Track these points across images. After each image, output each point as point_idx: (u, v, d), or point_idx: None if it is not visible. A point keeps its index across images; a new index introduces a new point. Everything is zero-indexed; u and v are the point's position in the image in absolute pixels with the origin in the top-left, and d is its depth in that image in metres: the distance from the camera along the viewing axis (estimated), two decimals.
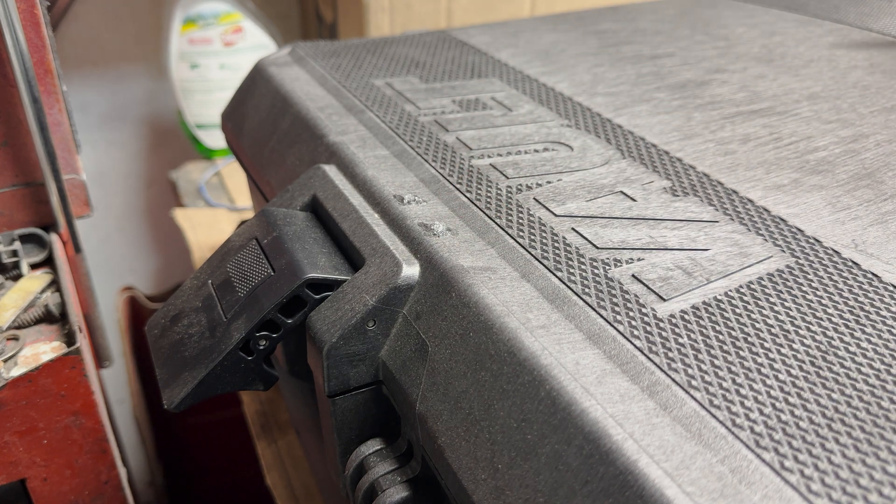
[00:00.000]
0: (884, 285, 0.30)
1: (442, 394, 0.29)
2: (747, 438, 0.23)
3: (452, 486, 0.28)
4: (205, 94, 1.03)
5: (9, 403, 0.44)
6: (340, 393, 0.33)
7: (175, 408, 0.34)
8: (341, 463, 0.35)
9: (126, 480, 0.52)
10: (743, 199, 0.37)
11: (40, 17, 0.51)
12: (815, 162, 0.41)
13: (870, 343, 0.27)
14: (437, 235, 0.34)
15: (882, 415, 0.24)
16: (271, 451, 0.65)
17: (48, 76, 0.52)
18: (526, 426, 0.25)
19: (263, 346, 0.34)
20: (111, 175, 1.15)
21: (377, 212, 0.37)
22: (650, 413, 0.24)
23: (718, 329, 0.27)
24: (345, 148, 0.42)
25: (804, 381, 0.25)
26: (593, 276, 0.31)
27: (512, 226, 0.34)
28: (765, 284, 0.30)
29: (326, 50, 0.59)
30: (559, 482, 0.23)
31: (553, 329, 0.28)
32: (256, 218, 0.39)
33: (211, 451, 1.00)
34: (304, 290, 0.34)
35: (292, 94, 0.50)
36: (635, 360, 0.26)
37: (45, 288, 0.52)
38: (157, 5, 1.05)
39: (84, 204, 0.57)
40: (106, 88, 1.10)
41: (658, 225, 0.34)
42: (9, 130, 0.52)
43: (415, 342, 0.31)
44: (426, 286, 0.32)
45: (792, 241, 0.33)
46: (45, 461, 0.47)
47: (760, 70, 0.55)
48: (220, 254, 0.40)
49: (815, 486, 0.21)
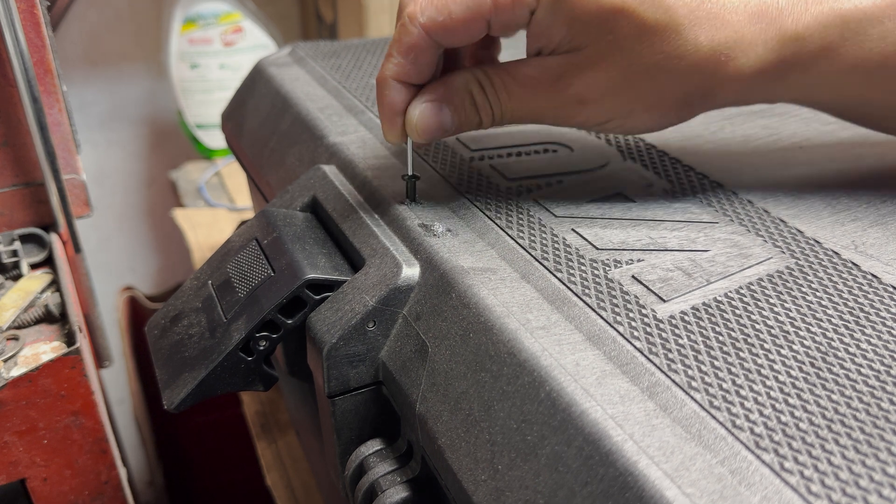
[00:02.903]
0: (883, 286, 0.30)
1: (442, 394, 0.29)
2: (747, 440, 0.23)
3: (452, 486, 0.28)
4: (205, 94, 1.03)
5: (9, 403, 0.44)
6: (340, 393, 0.33)
7: (175, 408, 0.34)
8: (341, 463, 0.35)
9: (126, 480, 0.52)
10: (743, 201, 0.37)
11: (40, 17, 0.51)
12: (815, 163, 0.41)
13: (870, 344, 0.27)
14: (437, 236, 0.34)
15: (882, 416, 0.24)
16: (271, 451, 0.65)
17: (48, 76, 0.52)
18: (526, 427, 0.25)
19: (263, 347, 0.34)
20: (111, 175, 1.15)
21: (377, 212, 0.37)
22: (650, 414, 0.24)
23: (718, 330, 0.27)
24: (345, 148, 0.42)
25: (804, 383, 0.25)
26: (593, 277, 0.31)
27: (512, 227, 0.34)
28: (765, 285, 0.30)
29: (326, 50, 0.59)
30: (559, 483, 0.24)
31: (553, 330, 0.28)
32: (256, 218, 0.39)
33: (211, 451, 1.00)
34: (304, 291, 0.34)
35: (292, 95, 0.50)
36: (635, 361, 0.26)
37: (45, 288, 0.52)
38: (157, 5, 1.05)
39: (84, 204, 0.57)
40: (106, 88, 1.10)
41: (658, 226, 0.34)
42: (9, 130, 0.52)
43: (415, 343, 0.31)
44: (426, 287, 0.32)
45: (792, 242, 0.33)
46: (45, 461, 0.47)
47: None
48: (220, 254, 0.40)
49: (815, 488, 0.21)
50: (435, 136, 0.34)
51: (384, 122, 0.35)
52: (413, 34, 0.32)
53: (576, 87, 0.33)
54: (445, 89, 0.34)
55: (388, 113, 0.34)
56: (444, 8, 0.31)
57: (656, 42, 0.31)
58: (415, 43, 0.32)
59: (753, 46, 0.32)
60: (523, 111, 0.34)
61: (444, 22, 0.31)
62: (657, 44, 0.31)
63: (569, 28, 0.31)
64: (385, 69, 0.33)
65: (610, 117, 0.34)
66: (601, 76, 0.32)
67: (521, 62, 0.34)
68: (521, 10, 0.31)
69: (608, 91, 0.33)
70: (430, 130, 0.34)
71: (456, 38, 0.32)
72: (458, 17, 0.31)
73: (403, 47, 0.32)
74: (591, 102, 0.33)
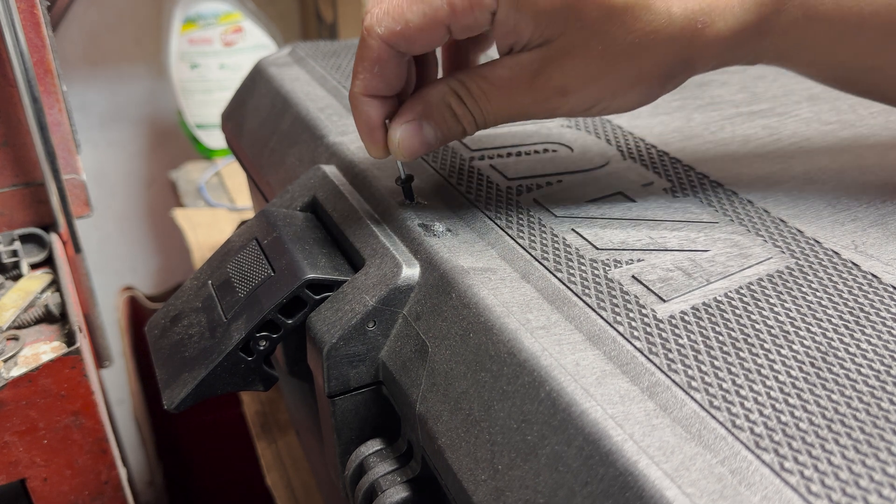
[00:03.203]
0: (883, 286, 0.30)
1: (442, 394, 0.29)
2: (747, 439, 0.23)
3: (452, 486, 0.28)
4: (205, 94, 1.03)
5: (9, 403, 0.44)
6: (340, 393, 0.33)
7: (175, 408, 0.34)
8: (341, 463, 0.35)
9: (126, 480, 0.52)
10: (743, 200, 0.37)
11: (40, 17, 0.51)
12: (815, 163, 0.41)
13: (870, 344, 0.27)
14: (437, 236, 0.34)
15: (882, 416, 0.24)
16: (271, 451, 0.65)
17: (48, 76, 0.52)
18: (526, 427, 0.25)
19: (263, 347, 0.34)
20: (111, 175, 1.15)
21: (377, 212, 0.37)
22: (650, 414, 0.24)
23: (718, 330, 0.27)
24: (345, 148, 0.42)
25: (804, 383, 0.25)
26: (593, 277, 0.31)
27: (512, 226, 0.34)
28: (765, 285, 0.30)
29: (326, 50, 0.59)
30: (559, 483, 0.24)
31: (553, 330, 0.28)
32: (256, 218, 0.39)
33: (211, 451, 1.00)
34: (304, 291, 0.34)
35: (292, 95, 0.50)
36: (635, 360, 0.26)
37: (45, 288, 0.52)
38: (157, 5, 1.05)
39: (84, 204, 0.57)
40: (106, 88, 1.10)
41: (658, 226, 0.34)
42: (9, 130, 0.52)
43: (415, 343, 0.31)
44: (426, 287, 0.32)
45: (792, 242, 0.33)
46: (45, 461, 0.47)
47: (760, 71, 0.55)
48: (220, 254, 0.40)
49: (815, 488, 0.21)
50: (420, 153, 0.34)
51: (364, 140, 0.34)
52: (373, 47, 0.31)
53: (555, 79, 0.32)
54: (424, 106, 0.33)
55: (366, 129, 0.34)
56: (401, 17, 0.31)
57: (627, 21, 0.30)
58: (377, 56, 0.32)
59: (731, 8, 0.31)
60: (506, 112, 0.34)
61: (403, 31, 0.31)
62: (629, 22, 0.30)
63: (535, 22, 0.31)
64: (353, 86, 0.33)
65: (595, 102, 0.33)
66: (579, 64, 0.32)
67: (496, 63, 0.33)
68: (481, 12, 0.31)
69: (589, 77, 0.32)
70: (414, 149, 0.34)
71: (417, 46, 0.32)
72: (415, 24, 0.31)
73: (366, 61, 0.32)
74: (573, 91, 0.32)
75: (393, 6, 0.31)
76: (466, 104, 0.33)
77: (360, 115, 0.34)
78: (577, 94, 0.33)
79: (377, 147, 0.34)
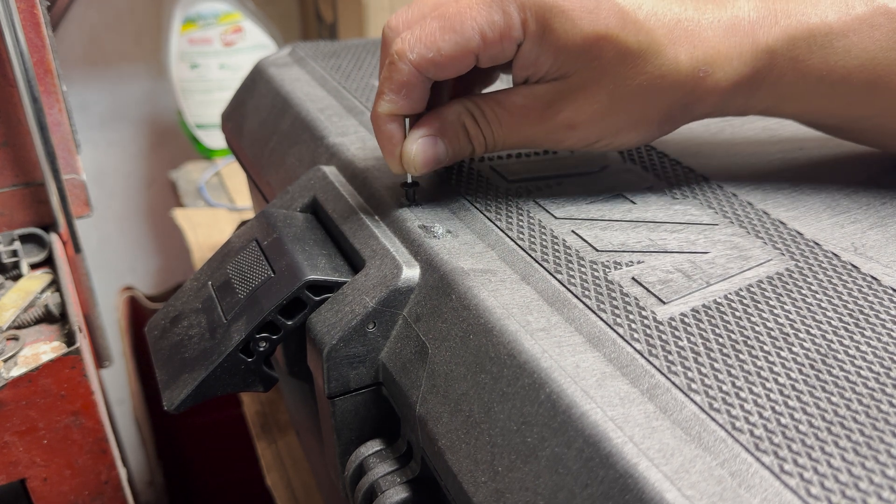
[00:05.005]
0: (883, 288, 0.30)
1: (442, 396, 0.29)
2: (747, 442, 0.23)
3: (452, 487, 0.28)
4: (205, 94, 1.03)
5: (9, 403, 0.44)
6: (340, 394, 0.33)
7: (175, 409, 0.34)
8: (341, 464, 0.35)
9: (126, 480, 0.52)
10: (742, 202, 0.37)
11: (40, 17, 0.51)
12: (815, 164, 0.41)
13: (869, 346, 0.27)
14: (437, 237, 0.34)
15: (882, 418, 0.24)
16: (271, 451, 0.65)
17: (48, 76, 0.52)
18: (526, 429, 0.25)
19: (263, 348, 0.34)
20: (111, 175, 1.15)
21: (377, 213, 0.37)
22: (650, 416, 0.24)
23: (718, 332, 0.27)
24: (345, 149, 0.42)
25: (804, 385, 0.25)
26: (593, 279, 0.31)
27: (512, 228, 0.34)
28: (764, 287, 0.30)
29: (326, 50, 0.59)
30: (559, 485, 0.24)
31: (553, 332, 0.28)
32: (256, 219, 0.39)
33: (211, 451, 1.00)
34: (304, 292, 0.34)
35: (292, 95, 0.50)
36: (635, 363, 0.26)
37: (45, 288, 0.52)
38: (157, 5, 1.05)
39: (84, 204, 0.57)
40: (106, 88, 1.10)
41: (658, 228, 0.34)
42: (9, 130, 0.52)
43: (415, 344, 0.31)
44: (426, 288, 0.32)
45: (791, 244, 0.33)
46: (45, 461, 0.47)
47: None
48: (220, 255, 0.40)
49: (815, 490, 0.21)
50: (432, 168, 0.35)
51: (388, 157, 0.35)
52: (404, 72, 0.32)
53: (565, 112, 0.34)
54: (440, 123, 0.35)
55: (390, 147, 0.35)
56: (433, 45, 0.32)
57: (639, 64, 0.32)
58: (406, 80, 0.33)
59: (730, 60, 0.33)
60: (515, 139, 0.35)
61: (434, 58, 0.32)
62: (640, 66, 0.32)
63: (555, 58, 0.32)
64: (379, 106, 0.34)
65: (598, 138, 0.35)
66: (589, 101, 0.33)
67: (511, 91, 0.34)
68: (509, 44, 0.32)
69: (596, 114, 0.34)
70: (427, 164, 0.35)
71: (445, 73, 0.33)
72: (447, 53, 0.32)
73: (395, 84, 0.33)
74: (580, 126, 0.34)
75: (426, 34, 0.32)
76: (480, 125, 0.35)
77: (383, 133, 0.35)
78: (582, 129, 0.34)
79: (399, 163, 0.35)
